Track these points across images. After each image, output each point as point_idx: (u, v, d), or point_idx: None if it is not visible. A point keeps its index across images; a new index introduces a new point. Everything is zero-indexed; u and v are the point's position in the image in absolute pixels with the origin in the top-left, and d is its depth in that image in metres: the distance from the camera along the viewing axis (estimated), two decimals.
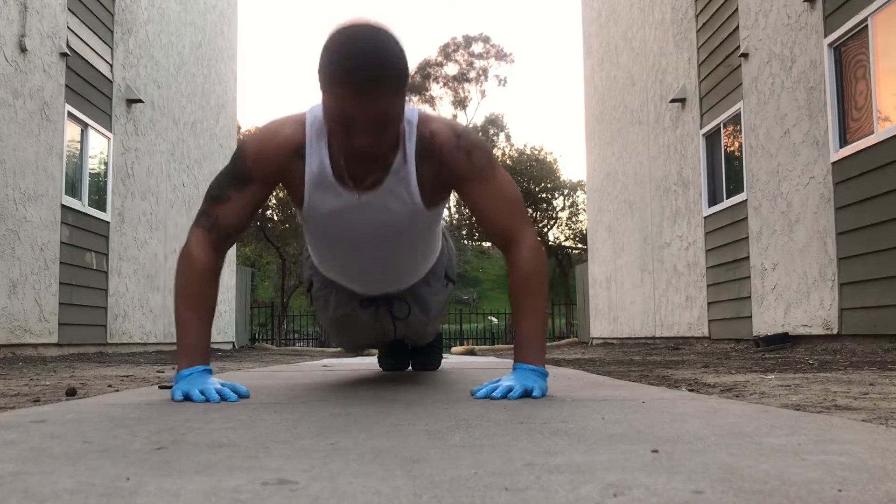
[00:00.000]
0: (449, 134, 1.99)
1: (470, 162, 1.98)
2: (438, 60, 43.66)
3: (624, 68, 12.54)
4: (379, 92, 1.73)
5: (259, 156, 1.97)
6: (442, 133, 1.98)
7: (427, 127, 1.98)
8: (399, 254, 2.29)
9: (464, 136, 2.01)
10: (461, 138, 1.99)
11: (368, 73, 1.71)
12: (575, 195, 30.71)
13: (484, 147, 2.02)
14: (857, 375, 3.23)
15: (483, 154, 2.00)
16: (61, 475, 0.94)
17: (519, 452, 1.10)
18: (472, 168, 1.99)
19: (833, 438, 1.22)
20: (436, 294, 2.64)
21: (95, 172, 8.58)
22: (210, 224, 1.98)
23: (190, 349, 1.97)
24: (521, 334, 2.04)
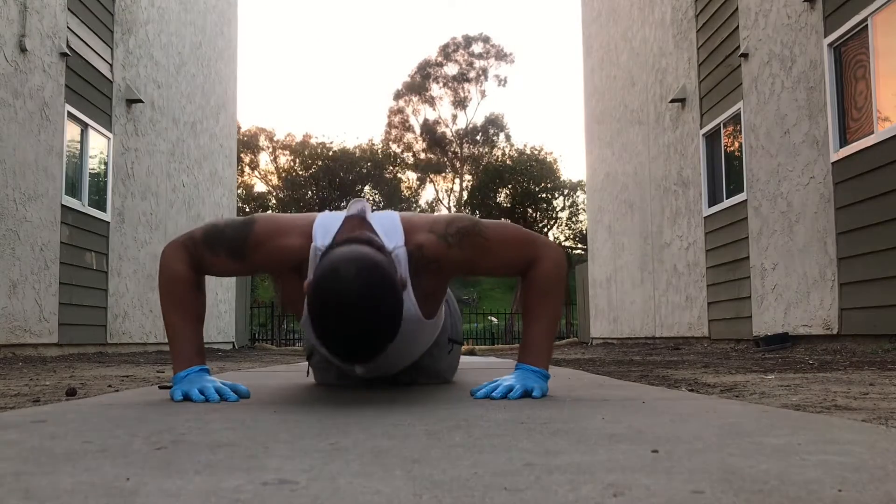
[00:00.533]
0: (435, 240, 1.99)
1: (466, 252, 2.00)
2: (438, 60, 43.65)
3: (624, 68, 12.54)
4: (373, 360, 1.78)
5: (258, 248, 2.00)
6: (429, 243, 1.99)
7: (413, 242, 1.99)
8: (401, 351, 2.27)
9: (448, 232, 2.01)
10: (447, 237, 2.00)
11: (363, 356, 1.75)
12: (575, 195, 30.73)
13: (468, 228, 2.02)
14: (857, 375, 3.23)
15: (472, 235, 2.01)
16: (61, 475, 0.94)
17: (519, 452, 1.10)
18: (471, 255, 2.01)
19: (833, 438, 1.22)
20: (440, 361, 2.61)
21: (95, 172, 8.58)
22: (196, 256, 2.02)
23: (183, 352, 1.99)
24: (528, 336, 2.05)
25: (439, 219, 2.07)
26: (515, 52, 74.41)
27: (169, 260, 2.03)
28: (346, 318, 1.66)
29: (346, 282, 1.66)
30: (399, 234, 1.99)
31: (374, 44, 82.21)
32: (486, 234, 2.02)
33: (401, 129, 43.37)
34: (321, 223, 2.01)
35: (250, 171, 39.53)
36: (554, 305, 2.05)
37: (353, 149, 38.68)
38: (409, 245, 1.98)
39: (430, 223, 2.04)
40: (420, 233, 2.00)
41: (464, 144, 42.57)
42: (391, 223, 2.01)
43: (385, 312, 1.69)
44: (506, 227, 2.10)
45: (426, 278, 2.04)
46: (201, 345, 2.03)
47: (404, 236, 1.99)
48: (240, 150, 28.17)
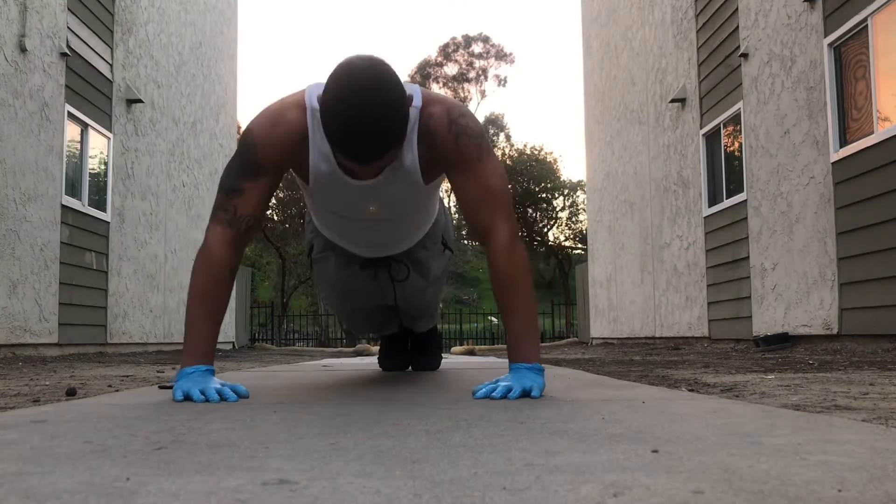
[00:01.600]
0: (443, 118, 2.00)
1: (456, 149, 2.00)
2: (438, 60, 43.65)
3: (624, 68, 12.54)
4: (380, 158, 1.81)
5: (268, 145, 1.98)
6: (437, 117, 2.00)
7: (428, 110, 2.01)
8: (399, 222, 2.34)
9: (456, 121, 2.01)
10: (453, 124, 2.00)
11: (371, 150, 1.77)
12: (575, 195, 30.71)
13: (474, 134, 2.01)
14: (857, 375, 3.23)
15: (470, 142, 2.00)
16: (61, 475, 0.94)
17: (519, 452, 1.10)
18: (458, 155, 2.00)
19: (833, 438, 1.22)
20: (433, 258, 2.67)
21: (95, 172, 8.58)
22: (229, 218, 1.98)
23: (196, 348, 1.98)
24: (509, 335, 2.04)
25: (458, 106, 2.07)
26: (515, 52, 74.54)
27: (205, 245, 1.99)
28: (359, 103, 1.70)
29: (358, 71, 1.73)
30: (417, 97, 2.00)
31: (374, 44, 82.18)
32: (483, 154, 2.01)
33: None
34: (312, 88, 2.01)
35: None
36: (524, 296, 2.00)
37: None
38: (424, 111, 2.00)
39: (449, 104, 2.05)
40: (437, 105, 2.02)
41: None
42: (411, 87, 2.02)
43: (394, 105, 1.74)
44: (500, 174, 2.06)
45: (424, 149, 2.04)
46: (214, 344, 2.02)
47: (422, 102, 2.01)
48: None
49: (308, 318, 26.86)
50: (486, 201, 2.01)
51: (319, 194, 2.18)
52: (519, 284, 2.01)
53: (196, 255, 2.03)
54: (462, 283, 38.43)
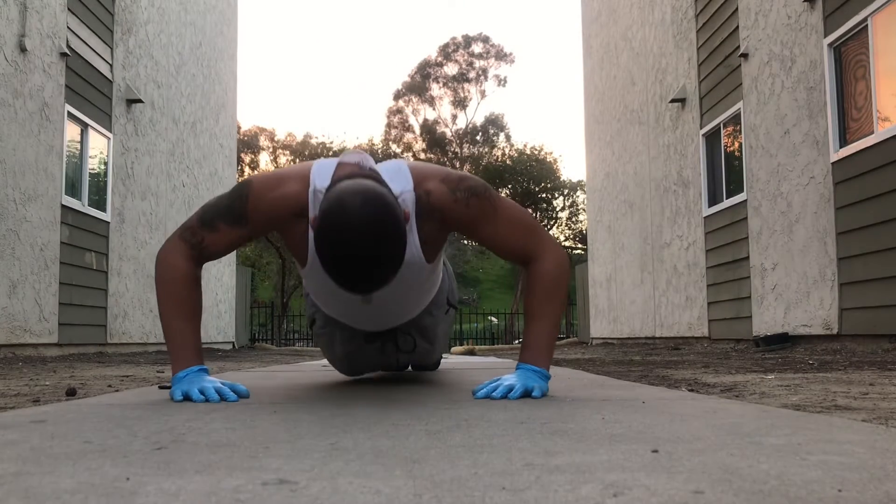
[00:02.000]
0: (444, 190, 2.00)
1: (471, 211, 2.01)
2: (438, 60, 43.63)
3: (624, 68, 12.54)
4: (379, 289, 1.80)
5: (259, 204, 1.98)
6: (438, 191, 2.00)
7: (422, 188, 2.00)
8: (402, 299, 2.32)
9: (458, 187, 2.01)
10: (457, 191, 2.01)
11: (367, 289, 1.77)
12: (575, 195, 30.72)
13: (479, 189, 2.03)
14: (857, 375, 3.23)
15: (481, 198, 2.01)
16: (61, 475, 0.94)
17: (519, 452, 1.10)
18: (475, 215, 2.01)
19: (833, 438, 1.22)
20: (438, 323, 2.65)
21: (95, 172, 8.58)
22: (194, 242, 2.01)
23: (182, 352, 1.98)
24: (529, 336, 2.06)
25: (452, 173, 2.07)
26: (515, 52, 74.47)
27: (167, 255, 2.01)
28: (352, 246, 1.67)
29: (351, 211, 1.68)
30: (406, 180, 2.00)
31: (374, 44, 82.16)
32: (495, 202, 2.03)
33: (401, 129, 43.37)
34: (319, 168, 2.01)
35: (250, 170, 39.52)
36: (556, 306, 2.05)
37: (353, 149, 38.67)
38: (418, 190, 2.00)
39: (443, 175, 2.05)
40: (430, 180, 2.02)
41: (464, 144, 42.57)
42: (397, 169, 2.03)
43: (390, 241, 1.71)
44: (517, 207, 2.10)
45: (429, 225, 2.05)
46: (199, 344, 2.02)
47: (413, 182, 2.00)
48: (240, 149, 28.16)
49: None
50: (521, 236, 2.05)
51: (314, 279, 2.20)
52: (557, 296, 2.05)
53: (156, 263, 2.03)
54: (462, 283, 38.42)
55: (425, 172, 2.05)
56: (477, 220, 2.02)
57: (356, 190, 1.73)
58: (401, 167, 2.04)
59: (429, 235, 2.08)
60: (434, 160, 42.51)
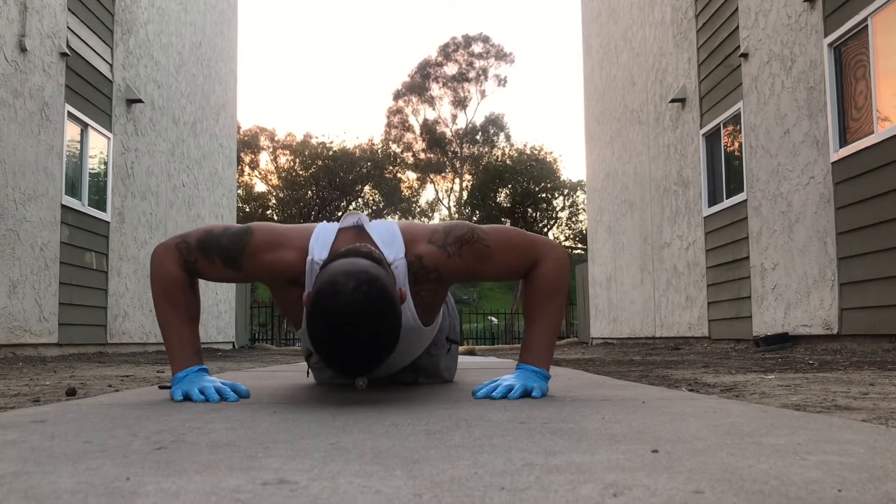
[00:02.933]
0: (434, 250, 1.99)
1: (466, 261, 2.01)
2: (438, 60, 43.63)
3: (624, 68, 12.54)
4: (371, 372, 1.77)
5: (254, 261, 1.99)
6: (428, 253, 1.99)
7: (413, 253, 1.99)
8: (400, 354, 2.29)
9: (446, 242, 2.01)
10: (446, 246, 2.00)
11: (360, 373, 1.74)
12: (575, 195, 30.73)
13: (467, 236, 2.01)
14: (857, 375, 3.23)
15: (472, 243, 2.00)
16: (61, 475, 0.94)
17: (519, 452, 1.10)
18: (472, 262, 2.01)
19: (833, 438, 1.22)
20: (440, 360, 2.63)
21: (95, 172, 8.58)
22: (189, 260, 2.02)
23: (181, 353, 1.99)
24: (529, 336, 2.06)
25: (437, 228, 2.05)
26: (515, 52, 74.43)
27: (161, 261, 2.02)
28: (344, 333, 1.64)
29: (344, 297, 1.63)
30: (399, 245, 1.99)
31: (374, 44, 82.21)
32: (486, 240, 2.02)
33: (401, 129, 43.37)
34: (318, 236, 1.99)
35: (250, 170, 39.53)
36: (556, 306, 2.04)
37: (353, 149, 38.65)
38: (409, 256, 1.99)
39: (429, 233, 2.03)
40: (420, 243, 2.00)
41: (464, 144, 42.57)
42: (390, 234, 2.01)
43: (383, 327, 1.67)
44: (505, 231, 2.08)
45: (426, 287, 2.04)
46: (198, 345, 2.03)
47: (404, 247, 1.99)
48: (240, 149, 28.15)
49: None
50: (519, 258, 2.04)
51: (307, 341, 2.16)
52: (557, 296, 2.04)
53: (151, 265, 2.04)
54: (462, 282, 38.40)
55: (414, 235, 2.03)
56: (475, 265, 2.02)
57: (349, 272, 1.68)
58: (394, 232, 2.02)
59: (427, 298, 2.07)
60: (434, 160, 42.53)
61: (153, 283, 2.02)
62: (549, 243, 2.08)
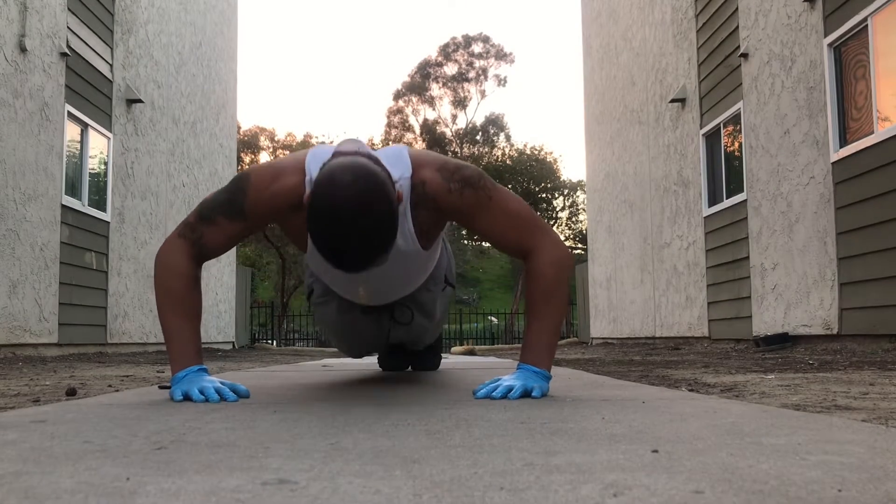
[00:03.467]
0: (439, 179, 1.99)
1: (464, 202, 1.99)
2: (438, 60, 43.61)
3: (624, 68, 12.54)
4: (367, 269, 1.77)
5: (257, 199, 1.97)
6: (433, 181, 1.99)
7: (419, 177, 1.99)
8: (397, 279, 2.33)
9: (453, 177, 2.00)
10: (451, 181, 1.99)
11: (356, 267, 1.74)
12: (575, 195, 30.73)
13: (474, 179, 2.01)
14: (857, 375, 3.23)
15: (476, 188, 2.00)
16: (61, 475, 0.94)
17: (519, 452, 1.10)
18: (469, 206, 2.00)
19: (833, 438, 1.22)
20: (436, 298, 2.66)
21: (95, 172, 8.58)
22: (194, 239, 2.00)
23: (181, 352, 1.98)
24: (529, 336, 2.04)
25: (450, 162, 2.05)
26: (515, 52, 74.47)
27: (166, 254, 2.01)
28: (341, 222, 1.65)
29: (341, 187, 1.66)
30: (406, 166, 2.00)
31: (374, 44, 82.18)
32: (490, 192, 2.00)
33: (400, 129, 43.36)
34: (314, 156, 2.00)
35: None
36: (555, 306, 2.02)
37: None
38: (415, 178, 1.99)
39: (440, 163, 2.03)
40: (427, 169, 2.01)
41: (464, 144, 42.56)
42: (398, 155, 2.02)
43: (379, 219, 1.68)
44: (515, 200, 2.05)
45: (424, 214, 2.04)
46: (199, 344, 2.02)
47: (411, 169, 2.00)
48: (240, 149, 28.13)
49: (308, 318, 26.85)
50: (517, 227, 2.02)
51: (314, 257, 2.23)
52: (557, 295, 2.02)
53: (156, 264, 2.03)
54: (462, 283, 38.42)
55: (424, 160, 2.03)
56: (471, 211, 2.00)
57: (347, 166, 1.71)
58: (401, 153, 2.03)
59: (424, 224, 2.07)
60: None
61: (158, 278, 2.01)
62: (551, 238, 2.05)
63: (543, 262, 2.00)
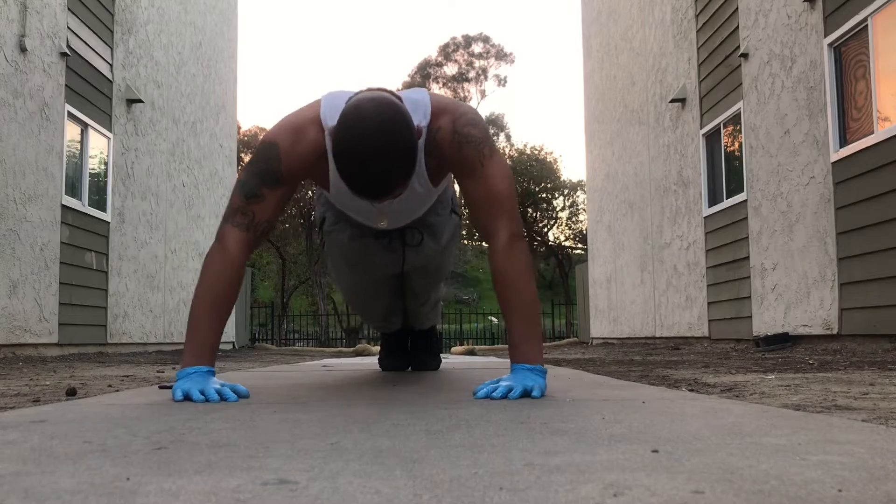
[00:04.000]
0: (448, 130, 2.06)
1: (460, 157, 2.06)
2: (438, 60, 43.62)
3: (624, 68, 12.54)
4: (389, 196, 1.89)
5: (290, 158, 2.05)
6: (443, 130, 2.06)
7: (436, 123, 2.07)
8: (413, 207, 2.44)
9: (459, 131, 2.06)
10: (456, 134, 2.06)
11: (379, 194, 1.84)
12: (575, 195, 30.71)
13: (475, 141, 2.06)
14: (857, 375, 3.23)
15: (472, 149, 2.05)
16: (61, 475, 0.94)
17: (519, 452, 1.10)
18: (461, 162, 2.07)
19: (833, 438, 1.22)
20: (444, 223, 2.73)
21: (95, 172, 8.58)
22: (247, 222, 2.04)
23: (199, 348, 1.98)
24: (510, 335, 2.04)
25: (466, 114, 2.11)
26: (515, 52, 74.40)
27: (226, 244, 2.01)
28: (366, 149, 1.76)
29: (365, 117, 1.77)
30: (425, 114, 2.07)
31: (374, 44, 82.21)
32: (484, 159, 2.05)
33: None
34: (328, 105, 2.07)
35: None
36: (522, 294, 2.00)
37: None
38: (432, 125, 2.07)
39: (457, 113, 2.10)
40: (445, 117, 2.08)
41: None
42: (419, 101, 2.08)
43: (401, 146, 1.78)
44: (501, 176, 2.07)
45: (435, 160, 2.14)
46: (217, 346, 2.03)
47: (430, 117, 2.07)
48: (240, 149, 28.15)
49: (308, 318, 26.86)
50: (489, 204, 2.05)
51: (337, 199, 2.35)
52: (517, 284, 2.01)
53: (208, 253, 2.04)
54: (462, 283, 38.42)
55: (443, 107, 2.10)
56: (459, 168, 2.08)
57: (371, 97, 1.82)
58: (423, 99, 2.10)
59: (434, 168, 2.18)
60: None
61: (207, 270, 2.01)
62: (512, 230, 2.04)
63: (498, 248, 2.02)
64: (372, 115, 1.77)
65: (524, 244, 2.09)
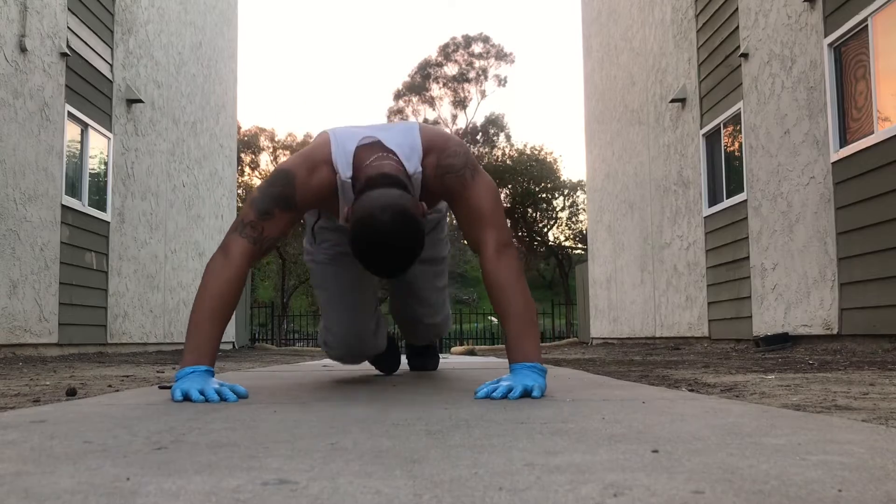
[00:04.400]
0: (433, 164, 2.20)
1: (444, 187, 2.21)
2: (438, 60, 43.61)
3: (624, 68, 12.54)
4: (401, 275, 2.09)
5: (305, 191, 2.17)
6: (429, 167, 2.20)
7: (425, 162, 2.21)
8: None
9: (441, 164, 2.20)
10: (438, 168, 2.20)
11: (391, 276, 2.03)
12: (575, 195, 30.71)
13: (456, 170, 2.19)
14: (857, 375, 3.23)
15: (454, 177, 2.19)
16: (61, 475, 0.94)
17: (519, 452, 1.10)
18: (446, 190, 2.21)
19: (833, 438, 1.22)
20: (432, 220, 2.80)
21: (95, 172, 8.58)
22: (255, 236, 2.13)
23: (200, 348, 2.00)
24: (507, 338, 2.08)
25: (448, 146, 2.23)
26: (515, 52, 74.39)
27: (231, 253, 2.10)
28: (383, 255, 1.94)
29: (381, 228, 1.91)
30: (418, 159, 2.19)
31: (374, 44, 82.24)
32: (467, 182, 2.19)
33: None
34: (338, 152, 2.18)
35: (250, 171, 39.51)
36: (515, 297, 2.07)
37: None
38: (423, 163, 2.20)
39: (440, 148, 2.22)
40: (432, 154, 2.21)
41: None
42: (411, 145, 2.19)
43: (413, 246, 1.95)
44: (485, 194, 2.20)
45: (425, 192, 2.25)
46: (217, 347, 2.05)
47: (421, 158, 2.19)
48: (240, 149, 28.13)
49: (308, 318, 26.86)
50: (475, 219, 2.19)
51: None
52: (509, 290, 2.08)
53: (212, 260, 2.11)
54: (462, 283, 38.42)
55: (431, 146, 2.22)
56: (447, 195, 2.22)
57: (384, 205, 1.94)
58: (414, 142, 2.20)
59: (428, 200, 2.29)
60: None
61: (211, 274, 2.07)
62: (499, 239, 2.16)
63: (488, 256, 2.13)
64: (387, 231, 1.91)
65: (513, 251, 2.18)
